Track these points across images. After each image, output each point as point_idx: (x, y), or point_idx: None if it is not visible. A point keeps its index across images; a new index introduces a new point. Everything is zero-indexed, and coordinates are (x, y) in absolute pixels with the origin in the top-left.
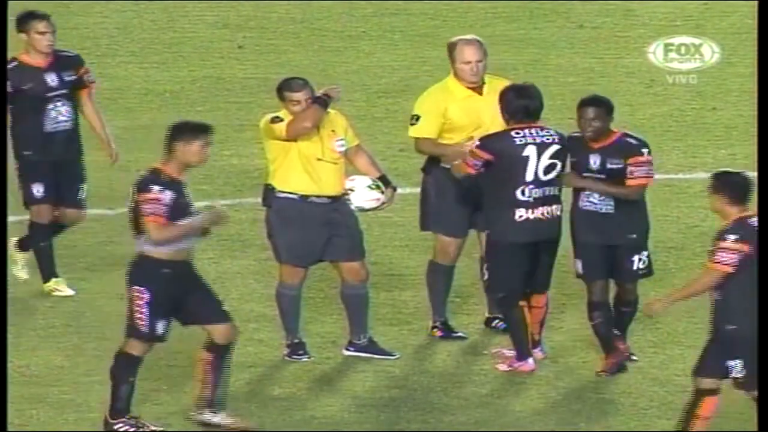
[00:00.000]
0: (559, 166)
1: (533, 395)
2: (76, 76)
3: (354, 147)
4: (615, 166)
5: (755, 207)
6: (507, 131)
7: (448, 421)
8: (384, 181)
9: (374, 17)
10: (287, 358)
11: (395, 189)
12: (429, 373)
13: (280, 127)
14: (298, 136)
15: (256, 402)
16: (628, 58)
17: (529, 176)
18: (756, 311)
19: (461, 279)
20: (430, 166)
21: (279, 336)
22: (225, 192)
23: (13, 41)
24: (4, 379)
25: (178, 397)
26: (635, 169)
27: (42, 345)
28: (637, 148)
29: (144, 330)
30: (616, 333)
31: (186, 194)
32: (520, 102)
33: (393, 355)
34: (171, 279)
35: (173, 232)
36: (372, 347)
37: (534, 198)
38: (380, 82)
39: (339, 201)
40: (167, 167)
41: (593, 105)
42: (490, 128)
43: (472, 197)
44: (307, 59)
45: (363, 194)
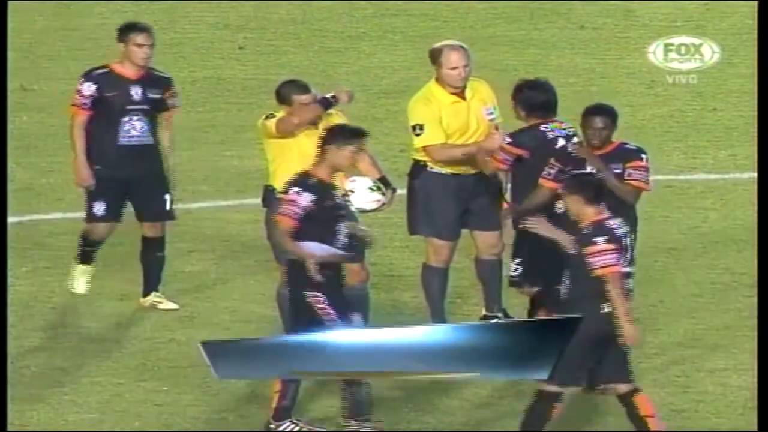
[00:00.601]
0: None
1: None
2: (161, 96)
3: None
4: (615, 172)
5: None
6: (536, 126)
7: (449, 422)
8: (384, 183)
9: (375, 18)
10: None
11: (395, 190)
12: None
13: (270, 123)
14: (287, 133)
15: (257, 403)
16: (629, 59)
17: None
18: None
19: (461, 280)
20: (417, 170)
21: None
22: (226, 193)
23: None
24: (4, 380)
25: (179, 398)
26: (633, 172)
27: (43, 346)
28: (636, 153)
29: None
30: None
31: (335, 197)
32: (540, 97)
33: None
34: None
35: (293, 247)
36: None
37: None
38: (381, 83)
39: None
40: (317, 170)
41: (601, 114)
42: (476, 133)
43: (462, 199)
44: (308, 60)
45: (363, 196)
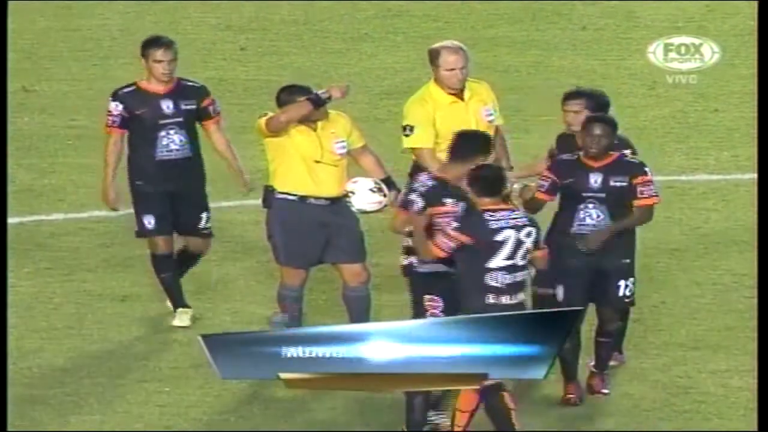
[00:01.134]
0: None
1: (534, 396)
2: (196, 107)
3: (359, 148)
4: (618, 184)
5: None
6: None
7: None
8: (388, 183)
9: (376, 19)
10: None
11: (400, 191)
12: None
13: (261, 121)
14: (278, 131)
15: (259, 404)
16: (631, 60)
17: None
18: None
19: None
20: (415, 169)
21: None
22: (228, 194)
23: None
24: (4, 380)
25: (181, 399)
26: (644, 189)
27: (44, 347)
28: (640, 168)
29: None
30: (593, 370)
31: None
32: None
33: None
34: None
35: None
36: None
37: None
38: (382, 84)
39: (339, 203)
40: (446, 174)
41: (601, 122)
42: None
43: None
44: (310, 61)
45: (364, 197)
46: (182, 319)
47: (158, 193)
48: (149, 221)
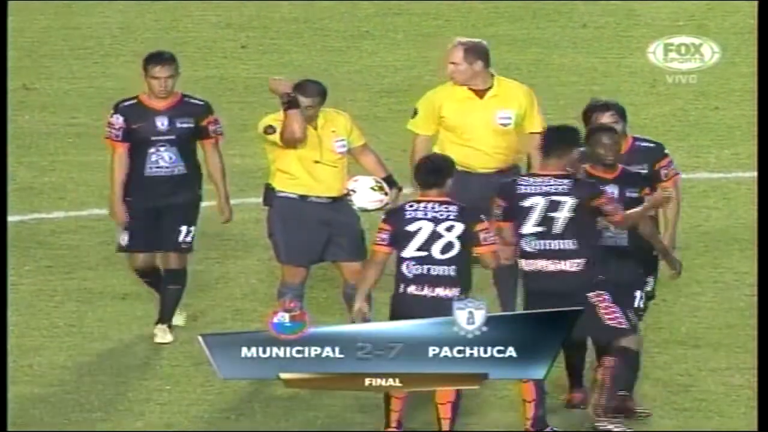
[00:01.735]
0: None
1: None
2: (195, 125)
3: (360, 146)
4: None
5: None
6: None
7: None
8: (389, 182)
9: (377, 17)
10: None
11: (401, 189)
12: None
13: (274, 138)
14: (297, 144)
15: (259, 402)
16: (631, 58)
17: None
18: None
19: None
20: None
21: None
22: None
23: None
24: (5, 378)
25: (182, 397)
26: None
27: (45, 345)
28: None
29: (634, 323)
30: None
31: None
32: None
33: None
34: None
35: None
36: None
37: None
38: (383, 82)
39: (340, 201)
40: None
41: (610, 131)
42: (483, 135)
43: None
44: (310, 59)
45: (365, 195)
46: (162, 336)
47: (144, 210)
48: (124, 238)
